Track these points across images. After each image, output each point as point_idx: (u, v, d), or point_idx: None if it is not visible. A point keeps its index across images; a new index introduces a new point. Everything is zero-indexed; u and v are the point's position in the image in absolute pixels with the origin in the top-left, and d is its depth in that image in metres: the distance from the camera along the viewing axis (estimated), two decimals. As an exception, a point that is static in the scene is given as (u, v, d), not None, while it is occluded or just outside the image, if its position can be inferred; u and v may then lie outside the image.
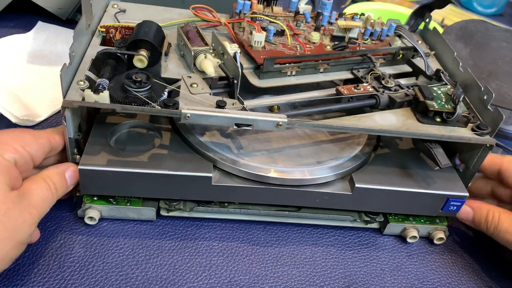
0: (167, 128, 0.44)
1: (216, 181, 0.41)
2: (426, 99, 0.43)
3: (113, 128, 0.42)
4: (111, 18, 0.49)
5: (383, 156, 0.46)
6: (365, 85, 0.46)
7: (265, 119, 0.38)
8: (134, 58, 0.41)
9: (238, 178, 0.41)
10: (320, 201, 0.43)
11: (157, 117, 0.44)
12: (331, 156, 0.44)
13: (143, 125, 0.44)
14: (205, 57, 0.43)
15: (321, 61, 0.47)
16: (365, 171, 0.44)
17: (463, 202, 0.44)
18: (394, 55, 0.50)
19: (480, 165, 0.44)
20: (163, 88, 0.40)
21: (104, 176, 0.39)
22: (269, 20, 0.49)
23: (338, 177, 0.43)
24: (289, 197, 0.42)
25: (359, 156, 0.45)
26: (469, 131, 0.43)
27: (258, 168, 0.41)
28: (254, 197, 0.42)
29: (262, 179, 0.41)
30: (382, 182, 0.43)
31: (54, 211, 0.42)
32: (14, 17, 0.67)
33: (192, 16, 0.50)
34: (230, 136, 0.44)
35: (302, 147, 0.45)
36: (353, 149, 0.45)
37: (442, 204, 0.44)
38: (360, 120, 0.42)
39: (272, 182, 0.41)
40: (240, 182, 0.41)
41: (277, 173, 0.41)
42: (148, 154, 0.40)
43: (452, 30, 0.70)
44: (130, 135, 0.43)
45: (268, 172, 0.41)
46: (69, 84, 0.38)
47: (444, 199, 0.44)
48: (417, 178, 0.44)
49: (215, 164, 0.41)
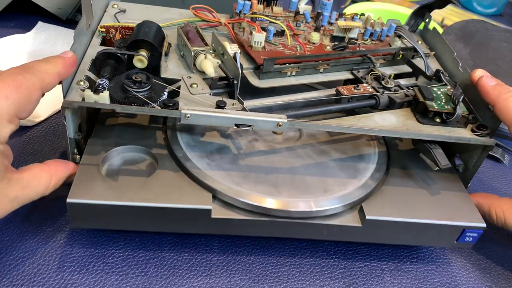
0: (163, 153, 0.41)
1: (216, 214, 0.38)
2: (426, 99, 0.43)
3: (105, 155, 0.40)
4: (111, 18, 0.49)
5: (394, 181, 0.44)
6: (365, 86, 0.46)
7: (265, 120, 0.38)
8: (134, 58, 0.41)
9: (239, 209, 0.38)
10: (328, 233, 0.40)
11: (154, 140, 0.42)
12: (338, 183, 0.41)
13: (137, 149, 0.41)
14: (205, 57, 0.43)
15: (321, 62, 0.47)
16: (375, 199, 0.41)
17: (480, 233, 0.41)
18: (394, 56, 0.50)
19: (479, 165, 0.44)
20: (163, 89, 0.40)
21: (95, 210, 0.36)
22: (269, 20, 0.49)
23: (347, 208, 0.40)
24: (294, 230, 0.40)
25: (369, 184, 0.42)
26: (469, 132, 0.43)
27: (261, 199, 0.38)
28: (257, 230, 0.40)
29: (266, 211, 0.38)
30: (394, 212, 0.40)
31: (54, 211, 0.42)
32: (14, 17, 0.67)
33: (192, 16, 0.50)
34: (231, 162, 0.41)
35: (307, 171, 0.42)
36: (363, 174, 0.43)
37: (458, 236, 0.42)
38: (360, 121, 0.42)
39: (276, 215, 0.39)
40: (242, 214, 0.38)
41: (282, 204, 0.38)
42: (142, 184, 0.38)
43: (452, 30, 0.70)
44: (123, 162, 0.40)
45: (272, 204, 0.38)
46: (69, 84, 0.38)
47: (459, 230, 0.41)
48: (431, 207, 0.41)
49: (214, 194, 0.38)
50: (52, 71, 0.35)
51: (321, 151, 0.44)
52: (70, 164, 0.38)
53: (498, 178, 0.57)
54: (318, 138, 0.46)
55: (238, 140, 0.44)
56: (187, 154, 0.40)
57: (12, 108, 0.32)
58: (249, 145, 0.43)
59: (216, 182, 0.38)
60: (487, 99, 0.43)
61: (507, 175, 0.57)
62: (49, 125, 0.51)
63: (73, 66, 0.37)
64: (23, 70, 0.34)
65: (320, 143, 0.45)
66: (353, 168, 0.43)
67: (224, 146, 0.43)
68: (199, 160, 0.40)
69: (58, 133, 0.50)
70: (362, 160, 0.44)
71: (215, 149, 0.42)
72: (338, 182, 0.41)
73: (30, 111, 0.34)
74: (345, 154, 0.45)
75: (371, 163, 0.44)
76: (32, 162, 0.45)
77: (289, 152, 0.44)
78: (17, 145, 0.48)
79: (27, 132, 0.49)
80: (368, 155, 0.45)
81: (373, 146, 0.46)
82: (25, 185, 0.34)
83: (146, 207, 0.36)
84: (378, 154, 0.45)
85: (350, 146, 0.46)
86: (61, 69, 0.35)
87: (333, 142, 0.46)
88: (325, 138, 0.46)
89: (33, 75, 0.33)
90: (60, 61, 0.36)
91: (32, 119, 0.50)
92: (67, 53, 0.37)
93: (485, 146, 0.43)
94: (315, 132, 0.46)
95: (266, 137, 0.45)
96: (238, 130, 0.44)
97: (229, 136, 0.44)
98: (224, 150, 0.42)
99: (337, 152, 0.45)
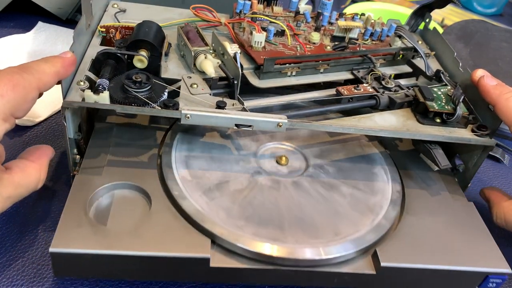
0: (157, 189, 0.37)
1: (215, 263, 0.34)
2: (426, 100, 0.43)
3: (92, 194, 0.36)
4: (111, 18, 0.49)
5: (410, 219, 0.40)
6: (365, 86, 0.46)
7: (265, 120, 0.38)
8: (134, 58, 0.41)
9: (241, 257, 0.35)
10: (338, 281, 0.36)
11: (148, 174, 0.39)
12: (349, 223, 0.38)
13: (128, 186, 0.38)
14: (205, 57, 0.43)
15: (321, 62, 0.47)
16: (390, 242, 0.37)
17: (504, 279, 0.38)
18: (394, 56, 0.50)
19: (479, 166, 0.44)
20: (163, 89, 0.40)
21: (81, 259, 0.33)
22: (269, 20, 0.49)
23: (359, 253, 0.36)
24: (301, 278, 0.36)
25: (383, 224, 0.38)
26: (469, 132, 0.43)
27: (266, 246, 0.35)
28: (261, 279, 0.36)
29: (271, 260, 0.35)
30: (412, 257, 0.36)
31: (54, 211, 0.42)
32: (14, 17, 0.67)
33: (192, 16, 0.50)
34: (232, 199, 0.38)
35: (315, 210, 0.38)
36: (376, 212, 0.39)
37: (480, 282, 0.38)
38: (360, 121, 0.42)
39: (282, 263, 0.35)
40: (244, 263, 0.34)
41: (288, 252, 0.35)
42: (134, 228, 0.34)
43: (452, 30, 0.70)
44: (114, 200, 0.37)
45: (277, 252, 0.35)
46: (69, 84, 0.38)
47: (482, 277, 0.37)
48: (452, 250, 0.38)
49: (213, 239, 0.35)
50: (50, 70, 0.34)
51: (329, 185, 0.41)
52: (49, 149, 0.38)
53: (498, 178, 0.57)
54: (327, 169, 0.42)
55: (240, 176, 0.40)
56: (183, 191, 0.37)
57: (8, 106, 0.32)
58: (251, 179, 0.40)
59: (215, 226, 0.35)
60: (488, 99, 0.43)
61: (507, 175, 0.57)
62: (49, 125, 0.51)
63: (72, 66, 0.36)
64: (20, 69, 0.33)
65: (328, 175, 0.42)
66: (365, 204, 0.40)
67: (224, 181, 0.39)
68: (197, 198, 0.37)
69: (58, 133, 0.50)
70: (375, 194, 0.41)
71: (214, 184, 0.39)
72: (349, 222, 0.38)
73: (26, 111, 0.34)
74: (356, 187, 0.41)
75: (384, 199, 0.41)
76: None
77: (295, 186, 0.40)
78: (17, 145, 0.47)
79: (27, 132, 0.49)
80: (382, 190, 0.42)
81: (387, 179, 0.43)
82: (17, 184, 0.34)
83: (137, 256, 0.33)
84: (392, 188, 0.42)
85: (361, 177, 0.42)
86: (59, 69, 0.35)
87: (342, 172, 0.43)
88: (333, 169, 0.43)
89: (30, 74, 0.33)
90: (58, 60, 0.35)
91: (32, 119, 0.50)
92: (66, 53, 0.36)
93: (485, 146, 0.43)
94: (322, 163, 0.43)
95: (270, 169, 0.42)
96: (241, 162, 0.41)
97: (230, 168, 0.41)
98: (224, 186, 0.39)
99: (347, 186, 0.41)
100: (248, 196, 0.38)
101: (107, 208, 0.36)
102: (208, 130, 0.44)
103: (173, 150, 0.41)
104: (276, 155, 0.43)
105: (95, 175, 0.38)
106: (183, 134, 0.43)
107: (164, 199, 0.37)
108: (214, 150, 0.42)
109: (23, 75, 0.33)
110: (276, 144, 0.45)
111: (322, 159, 0.44)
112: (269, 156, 0.43)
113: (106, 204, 0.37)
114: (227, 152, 0.42)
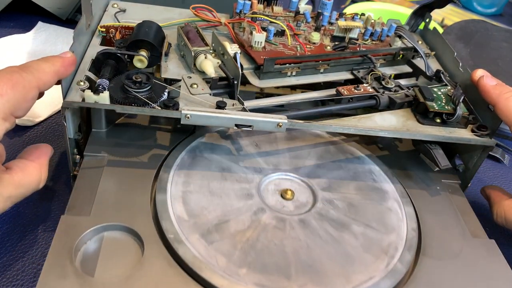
0: (151, 232, 0.34)
1: None
2: (426, 100, 0.43)
3: (79, 239, 0.33)
4: (111, 18, 0.49)
5: (427, 262, 0.36)
6: (365, 86, 0.46)
7: (265, 120, 0.38)
8: (134, 58, 0.41)
9: None
10: None
11: (141, 214, 0.35)
12: (362, 268, 0.34)
13: (119, 228, 0.34)
14: (205, 57, 0.43)
15: (321, 62, 0.47)
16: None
17: None
18: (394, 56, 0.50)
19: (479, 166, 0.44)
20: (163, 89, 0.40)
21: None
22: (269, 20, 0.49)
23: None
24: None
25: (399, 269, 0.35)
26: (469, 132, 0.43)
27: None
28: None
29: None
30: None
31: (54, 211, 0.42)
32: (14, 17, 0.67)
33: (192, 16, 0.50)
34: (233, 243, 0.35)
35: (324, 253, 0.35)
36: (391, 255, 0.36)
37: None
38: (360, 121, 0.42)
39: None
40: None
41: None
42: (124, 278, 0.31)
43: (452, 30, 0.70)
44: (102, 246, 0.33)
45: None
46: (69, 85, 0.38)
47: None
48: None
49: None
50: (50, 70, 0.34)
51: (340, 223, 0.38)
52: (48, 148, 0.38)
53: (498, 178, 0.57)
54: (336, 204, 0.39)
55: (242, 214, 0.37)
56: (179, 234, 0.34)
57: (7, 106, 0.32)
58: (254, 217, 0.37)
59: (214, 275, 0.32)
60: (488, 99, 0.43)
61: (507, 175, 0.57)
62: (49, 125, 0.51)
63: (72, 66, 0.36)
64: (20, 68, 0.33)
65: (337, 210, 0.39)
66: (378, 245, 0.36)
67: (224, 220, 0.36)
68: (194, 242, 0.34)
69: (58, 133, 0.50)
70: (389, 232, 0.38)
71: (213, 225, 0.36)
72: (361, 268, 0.34)
73: (26, 110, 0.34)
74: (369, 225, 0.38)
75: (399, 239, 0.37)
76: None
77: (303, 226, 0.37)
78: (17, 145, 0.47)
79: (27, 132, 0.49)
80: (398, 229, 0.38)
81: (401, 217, 0.40)
82: (18, 184, 0.34)
83: None
84: (408, 226, 0.39)
85: (373, 212, 0.39)
86: (59, 68, 0.35)
87: (353, 206, 0.39)
88: (343, 204, 0.39)
89: (30, 73, 0.33)
90: (58, 60, 0.35)
91: (32, 119, 0.50)
92: (66, 53, 0.37)
93: (485, 146, 0.43)
94: (331, 197, 0.40)
95: (274, 205, 0.38)
96: (243, 197, 0.38)
97: (230, 204, 0.38)
98: (224, 227, 0.36)
99: (358, 224, 0.38)
100: (250, 239, 0.35)
101: (95, 253, 0.33)
102: (207, 163, 0.41)
103: (168, 185, 0.38)
104: (281, 188, 0.40)
105: (83, 215, 0.34)
106: (179, 169, 0.39)
107: (158, 243, 0.33)
108: (214, 182, 0.39)
109: (23, 74, 0.33)
110: (281, 175, 0.41)
111: (331, 191, 0.40)
112: (274, 189, 0.40)
113: (94, 248, 0.33)
114: (228, 185, 0.39)
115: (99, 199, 0.36)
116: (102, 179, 0.38)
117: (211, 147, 0.43)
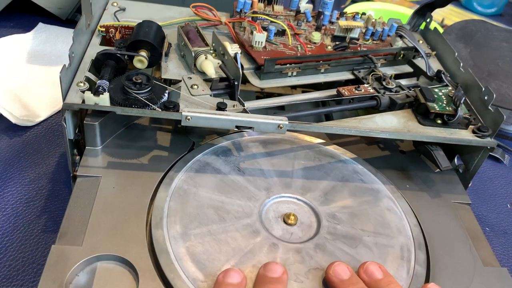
0: (146, 264, 0.32)
1: None
2: (427, 101, 0.43)
3: (70, 272, 0.31)
4: (110, 17, 0.49)
5: None
6: (366, 86, 0.45)
7: (266, 121, 0.38)
8: (134, 59, 0.41)
9: None
10: None
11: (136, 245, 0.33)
12: None
13: (113, 258, 0.33)
14: (206, 58, 0.43)
15: (322, 62, 0.46)
16: None
17: None
18: (395, 56, 0.50)
19: (480, 166, 0.44)
20: (163, 90, 0.40)
21: None
22: (270, 20, 0.49)
23: None
24: None
25: (419, 272, 0.35)
26: (470, 133, 0.43)
27: None
28: None
29: None
30: None
31: (54, 211, 0.42)
32: (14, 17, 0.67)
33: (192, 15, 0.50)
34: None
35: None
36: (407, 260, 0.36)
37: None
38: (361, 122, 0.42)
39: None
40: None
41: None
42: None
43: (452, 30, 0.70)
44: (95, 278, 0.31)
45: None
46: (69, 85, 0.38)
47: None
48: None
49: None
50: None
51: (351, 238, 0.37)
52: None
53: (498, 178, 0.57)
54: (340, 218, 0.38)
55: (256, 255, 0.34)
56: (178, 271, 0.32)
57: None
58: (270, 256, 0.35)
59: None
60: None
61: (507, 175, 0.57)
62: (49, 125, 0.51)
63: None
64: None
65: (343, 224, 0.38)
66: (392, 251, 0.37)
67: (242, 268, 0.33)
68: (193, 280, 0.32)
69: (58, 133, 0.50)
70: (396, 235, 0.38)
71: None
72: None
73: None
74: (377, 233, 0.38)
75: (407, 238, 0.38)
76: (32, 162, 0.46)
77: (319, 252, 0.36)
78: (17, 145, 0.47)
79: (27, 132, 0.49)
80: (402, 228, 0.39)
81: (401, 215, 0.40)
82: None
83: None
84: (409, 223, 0.39)
85: (374, 216, 0.39)
86: None
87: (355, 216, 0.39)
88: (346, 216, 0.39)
89: None
90: None
91: (32, 119, 0.50)
92: None
93: (486, 147, 0.43)
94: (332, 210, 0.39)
95: (282, 234, 0.36)
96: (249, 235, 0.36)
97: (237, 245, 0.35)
98: None
99: (367, 234, 0.37)
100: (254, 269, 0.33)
101: (87, 285, 0.31)
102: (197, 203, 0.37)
103: (164, 226, 0.35)
104: (281, 214, 0.38)
105: (75, 244, 0.33)
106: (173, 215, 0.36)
107: (154, 278, 0.31)
108: (213, 226, 0.36)
109: None
110: (276, 198, 0.39)
111: (329, 204, 0.39)
112: (274, 216, 0.38)
113: (86, 280, 0.31)
114: (229, 226, 0.36)
115: (91, 227, 0.34)
116: (95, 204, 0.36)
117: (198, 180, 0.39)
